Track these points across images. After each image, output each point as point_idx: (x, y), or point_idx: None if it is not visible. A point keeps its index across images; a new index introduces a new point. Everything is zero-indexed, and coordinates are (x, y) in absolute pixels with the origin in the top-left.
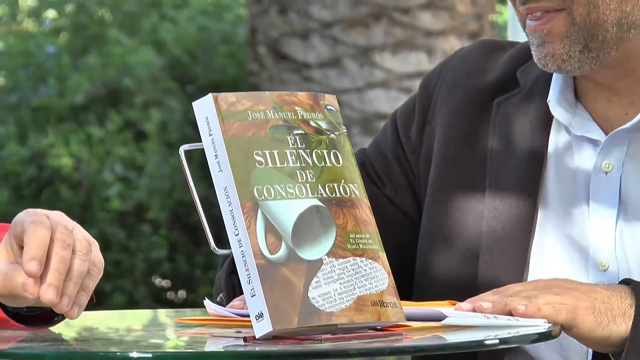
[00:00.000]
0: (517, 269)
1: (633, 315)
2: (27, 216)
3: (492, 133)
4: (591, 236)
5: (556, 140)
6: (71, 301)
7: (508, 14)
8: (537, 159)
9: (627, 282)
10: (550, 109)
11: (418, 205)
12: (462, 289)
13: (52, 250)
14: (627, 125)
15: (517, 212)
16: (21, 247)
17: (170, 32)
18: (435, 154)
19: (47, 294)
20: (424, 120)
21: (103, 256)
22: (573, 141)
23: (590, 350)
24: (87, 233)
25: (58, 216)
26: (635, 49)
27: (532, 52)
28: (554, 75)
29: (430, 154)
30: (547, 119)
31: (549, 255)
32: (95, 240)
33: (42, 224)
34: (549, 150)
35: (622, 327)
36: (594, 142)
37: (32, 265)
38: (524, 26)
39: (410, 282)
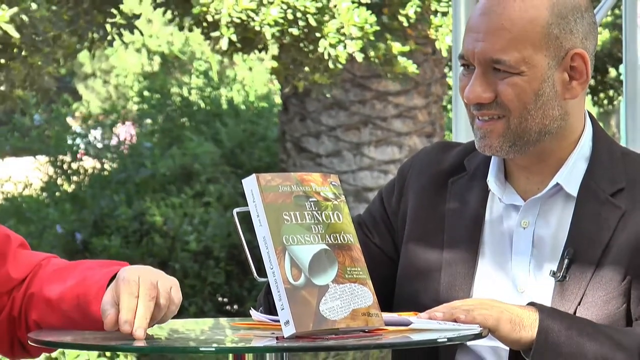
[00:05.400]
0: (466, 294)
1: (537, 325)
2: (123, 283)
3: (447, 202)
4: (514, 272)
5: (491, 208)
6: (145, 335)
7: (453, 120)
8: (478, 221)
9: (532, 303)
10: (489, 186)
11: (397, 251)
12: (427, 306)
13: (140, 301)
14: (539, 195)
15: (464, 258)
16: (119, 295)
17: (227, 133)
18: (408, 216)
19: (137, 333)
20: (400, 194)
21: (183, 282)
22: (503, 209)
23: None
24: (168, 279)
25: (147, 272)
26: (546, 148)
27: (475, 141)
28: (491, 163)
29: (404, 216)
30: (485, 194)
31: (486, 284)
32: (176, 281)
33: (132, 294)
34: (486, 215)
35: (529, 333)
36: (516, 208)
37: (126, 326)
38: (472, 122)
39: (392, 301)
